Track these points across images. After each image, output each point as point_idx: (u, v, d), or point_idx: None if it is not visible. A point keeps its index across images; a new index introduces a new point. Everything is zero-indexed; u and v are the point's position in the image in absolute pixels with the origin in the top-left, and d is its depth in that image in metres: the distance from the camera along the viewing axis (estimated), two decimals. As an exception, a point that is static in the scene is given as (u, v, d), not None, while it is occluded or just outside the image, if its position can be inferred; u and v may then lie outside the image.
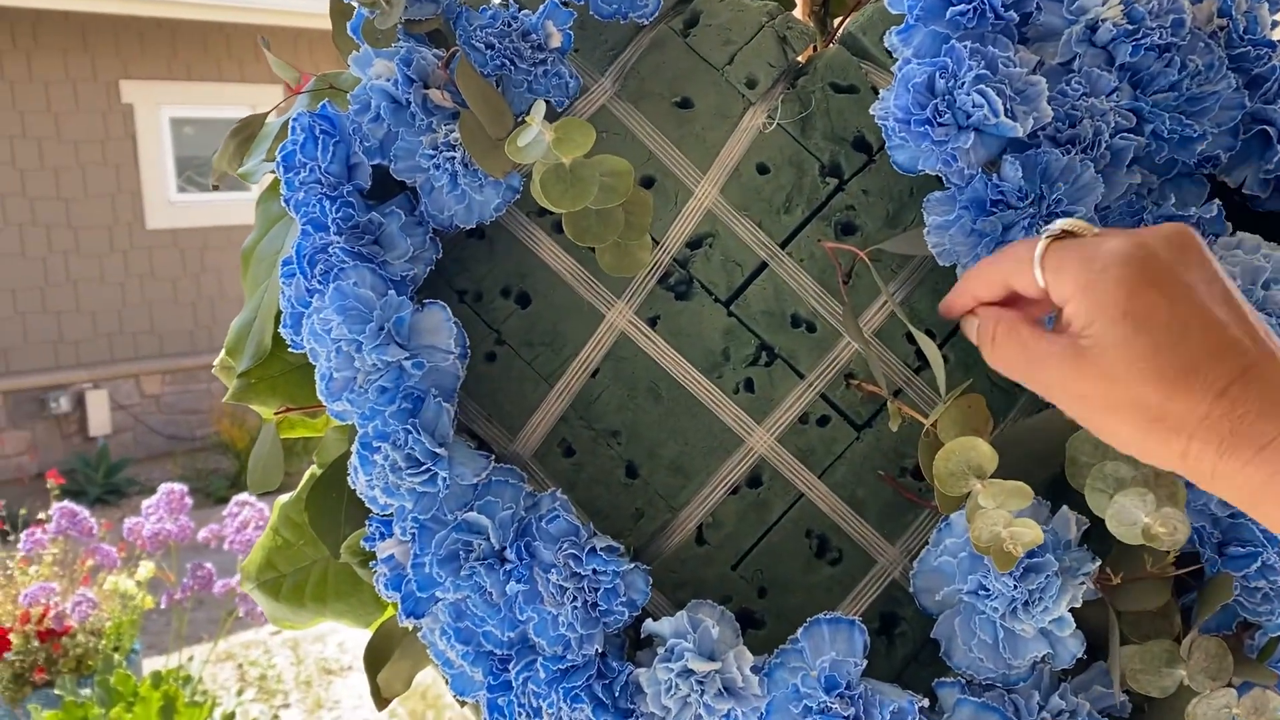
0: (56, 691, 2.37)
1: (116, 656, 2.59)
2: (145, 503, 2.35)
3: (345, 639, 3.88)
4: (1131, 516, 0.48)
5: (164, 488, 2.34)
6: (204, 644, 3.34)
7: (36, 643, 2.52)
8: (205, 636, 3.48)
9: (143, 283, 6.13)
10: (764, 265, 0.57)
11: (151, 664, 3.02)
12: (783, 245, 0.57)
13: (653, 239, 0.57)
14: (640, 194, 0.53)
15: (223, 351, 0.66)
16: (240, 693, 2.55)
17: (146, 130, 6.09)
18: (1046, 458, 0.53)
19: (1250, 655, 0.52)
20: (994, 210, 0.51)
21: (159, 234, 6.18)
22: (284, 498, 0.66)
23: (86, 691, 2.32)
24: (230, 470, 5.66)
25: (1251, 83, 0.53)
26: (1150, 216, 0.50)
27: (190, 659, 2.56)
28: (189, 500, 2.36)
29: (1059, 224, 0.44)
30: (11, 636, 2.52)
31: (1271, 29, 0.55)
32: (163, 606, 2.38)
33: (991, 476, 0.47)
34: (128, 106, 6.01)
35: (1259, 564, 0.50)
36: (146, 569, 2.61)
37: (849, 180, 0.58)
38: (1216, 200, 0.51)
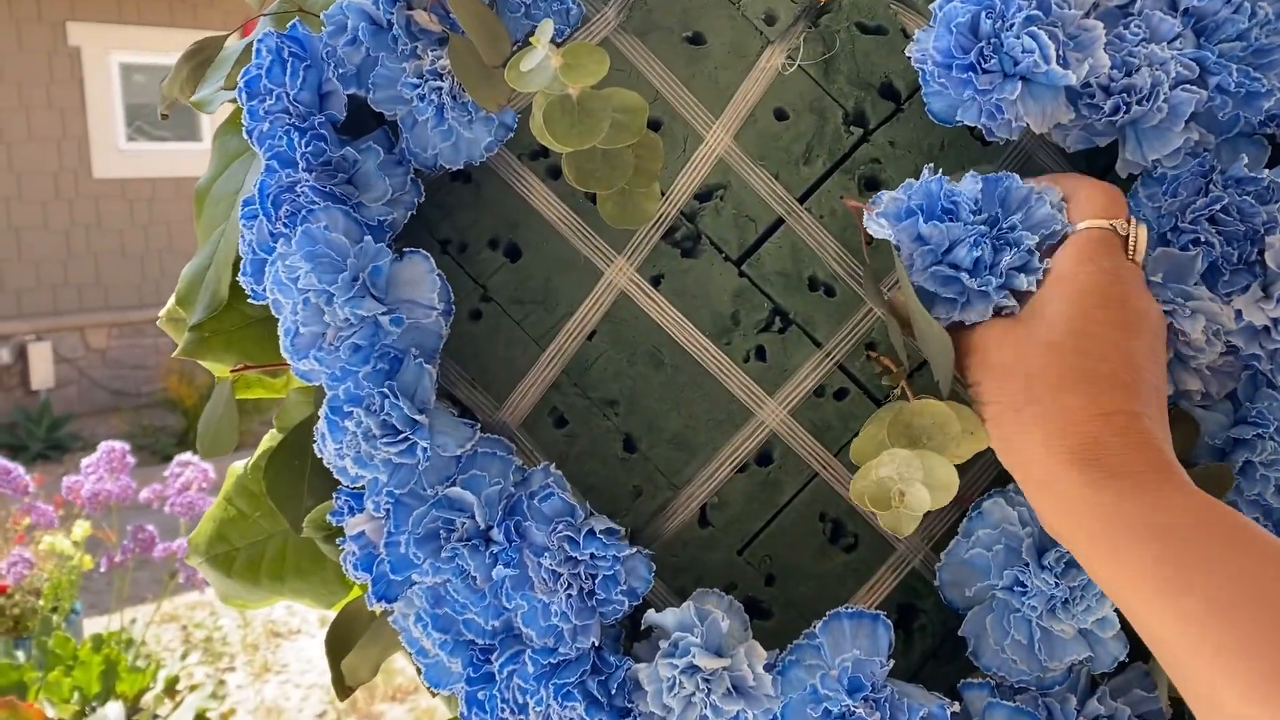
0: (-9, 653, 2.28)
1: (55, 618, 2.50)
2: (84, 461, 2.25)
3: (294, 602, 3.81)
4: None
5: (104, 445, 2.24)
6: (147, 604, 3.25)
7: (-29, 602, 2.43)
8: (149, 596, 3.39)
9: (89, 233, 5.94)
10: (780, 221, 0.52)
11: (93, 625, 2.93)
12: (801, 200, 0.52)
13: (660, 190, 0.51)
14: (651, 137, 0.47)
15: (171, 301, 0.60)
16: (185, 655, 2.47)
17: (94, 75, 5.88)
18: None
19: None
20: (943, 219, 0.45)
21: (106, 183, 5.98)
22: (238, 464, 0.60)
23: (21, 654, 2.24)
24: (177, 428, 5.52)
25: (1321, 36, 0.48)
26: (1219, 178, 0.46)
27: (133, 621, 2.48)
28: (131, 459, 2.26)
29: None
30: (-55, 596, 2.43)
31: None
32: (102, 570, 2.29)
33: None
34: (74, 49, 5.79)
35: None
36: (82, 529, 2.52)
37: (875, 130, 0.52)
38: (1289, 163, 0.47)
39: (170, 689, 2.31)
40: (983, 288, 0.44)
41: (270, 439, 0.58)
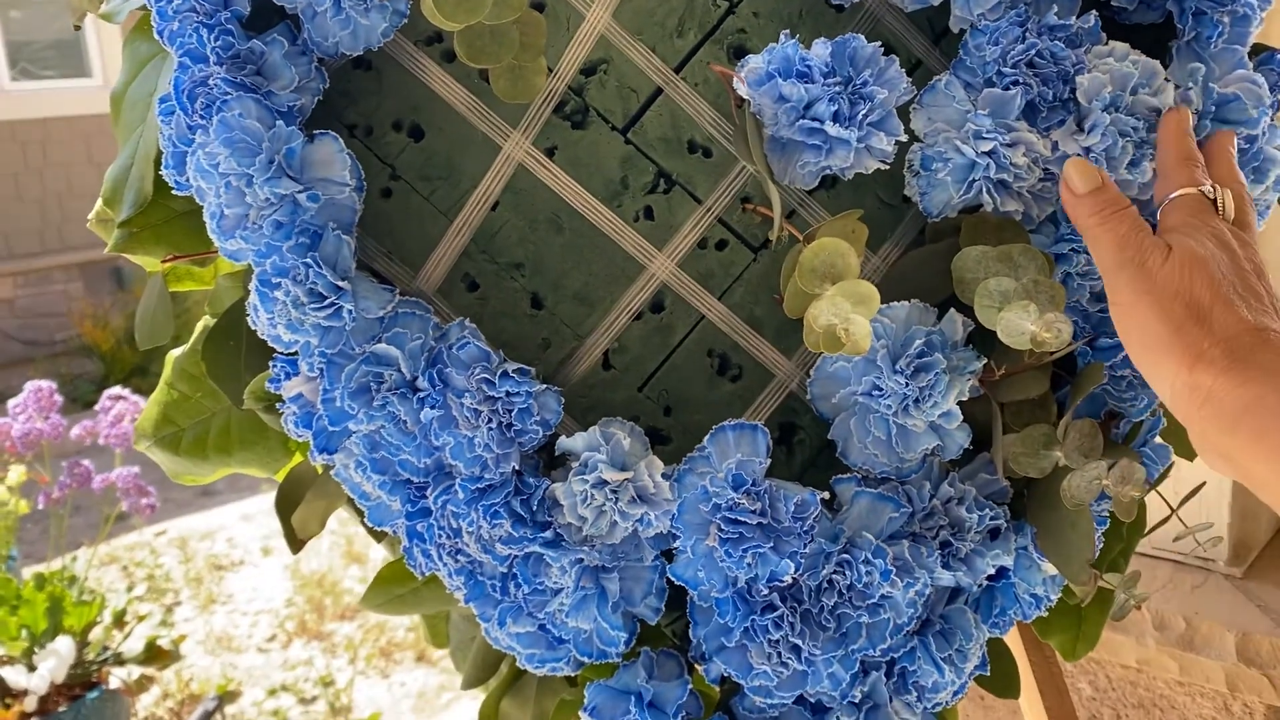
0: (-69, 602, 2.28)
1: (-7, 564, 2.50)
2: (12, 402, 2.24)
3: (235, 535, 3.84)
4: (1019, 327, 0.50)
5: (30, 384, 2.23)
6: (85, 549, 3.25)
7: (-96, 555, 2.42)
8: (85, 542, 3.38)
9: (-20, 179, 5.72)
10: (659, 91, 0.57)
11: (31, 572, 2.94)
12: (677, 70, 0.57)
13: (547, 67, 0.56)
14: (533, 15, 0.52)
15: (98, 203, 0.64)
16: (130, 589, 2.50)
17: (-32, 12, 5.60)
18: (935, 288, 0.56)
19: (1116, 442, 0.57)
20: (799, 80, 0.51)
21: (-7, 126, 5.75)
22: (176, 351, 0.65)
23: (-35, 599, 2.25)
24: (96, 373, 5.43)
25: (1122, -106, 0.55)
26: (1034, 26, 0.52)
27: (74, 559, 2.49)
28: (59, 398, 2.26)
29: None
30: (-124, 550, 2.41)
31: None
32: (40, 507, 2.30)
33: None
34: (-56, -14, 5.50)
35: (1124, 354, 0.54)
36: (18, 473, 2.51)
37: (739, 3, 0.58)
38: (1094, 11, 0.53)
39: (119, 621, 2.35)
40: (843, 136, 0.51)
41: (204, 325, 0.63)
